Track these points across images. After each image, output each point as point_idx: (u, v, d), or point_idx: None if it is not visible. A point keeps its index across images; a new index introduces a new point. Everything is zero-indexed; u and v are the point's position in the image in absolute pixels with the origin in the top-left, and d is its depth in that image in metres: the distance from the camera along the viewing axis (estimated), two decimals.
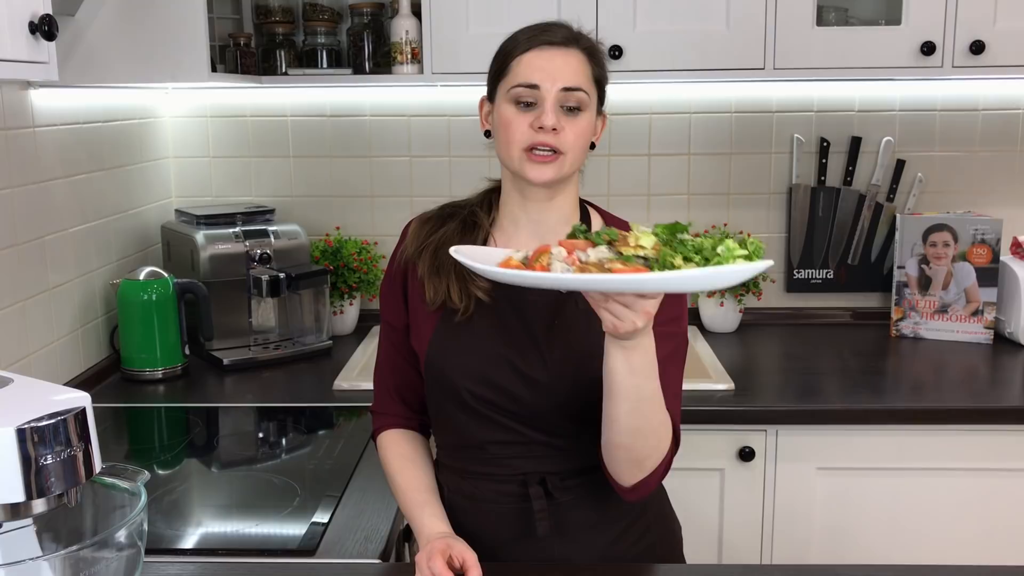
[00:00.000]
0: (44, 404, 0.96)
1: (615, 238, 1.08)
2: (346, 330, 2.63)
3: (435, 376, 1.36)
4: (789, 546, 2.07)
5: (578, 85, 1.30)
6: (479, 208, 1.41)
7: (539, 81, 1.28)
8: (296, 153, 2.69)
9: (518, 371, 1.31)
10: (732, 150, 2.65)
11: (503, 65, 1.32)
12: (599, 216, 1.44)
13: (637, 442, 1.23)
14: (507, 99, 1.31)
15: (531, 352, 1.31)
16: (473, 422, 1.34)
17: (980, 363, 2.30)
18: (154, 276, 2.23)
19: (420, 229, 1.41)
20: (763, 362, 2.38)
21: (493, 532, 1.36)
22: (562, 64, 1.29)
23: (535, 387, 1.30)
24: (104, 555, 1.01)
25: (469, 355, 1.33)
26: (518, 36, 1.33)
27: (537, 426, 1.33)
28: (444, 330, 1.35)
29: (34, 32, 1.31)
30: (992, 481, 2.03)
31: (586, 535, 1.36)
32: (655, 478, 1.27)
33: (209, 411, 2.08)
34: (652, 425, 1.22)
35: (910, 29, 2.20)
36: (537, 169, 1.29)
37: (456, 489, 1.40)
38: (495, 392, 1.32)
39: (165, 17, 1.98)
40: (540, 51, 1.30)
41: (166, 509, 1.56)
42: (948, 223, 2.45)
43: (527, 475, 1.34)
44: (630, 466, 1.25)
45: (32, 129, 1.96)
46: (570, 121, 1.29)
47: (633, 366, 1.15)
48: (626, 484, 1.27)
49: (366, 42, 2.47)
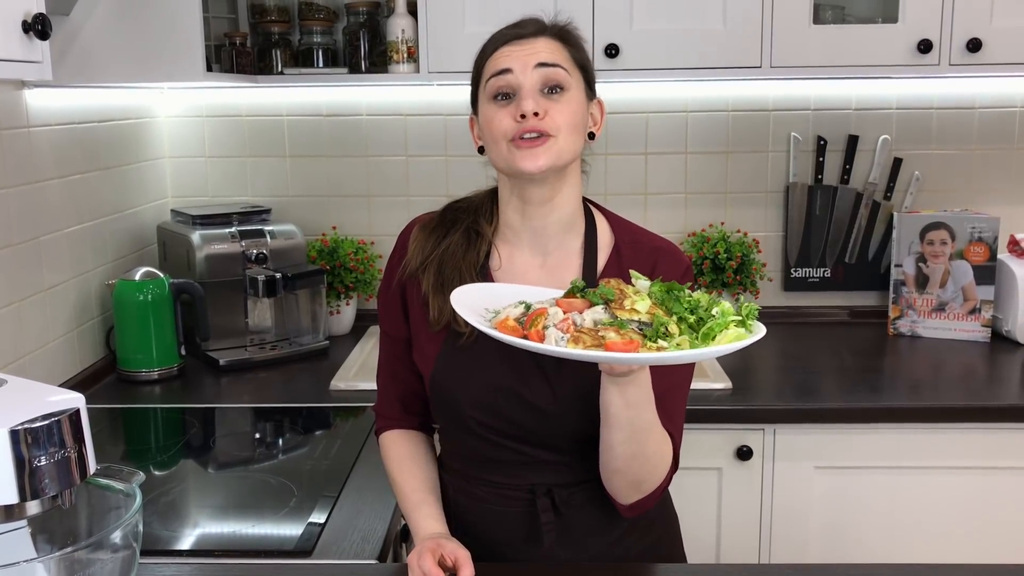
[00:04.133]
0: (38, 405, 0.96)
1: (612, 298, 1.09)
2: (342, 330, 2.62)
3: (441, 400, 1.34)
4: (787, 545, 2.07)
5: (553, 61, 1.25)
6: (481, 215, 1.37)
7: (510, 64, 1.24)
8: (292, 153, 2.69)
9: (525, 402, 1.28)
10: (729, 149, 2.65)
11: (478, 69, 1.30)
12: (604, 219, 1.38)
13: (634, 467, 1.23)
14: (487, 99, 1.27)
15: (540, 383, 1.28)
16: (480, 444, 1.33)
17: (977, 361, 2.30)
18: (150, 276, 2.22)
19: (424, 238, 1.36)
20: (760, 361, 2.38)
21: (498, 533, 1.35)
22: (533, 48, 1.25)
23: (543, 417, 1.28)
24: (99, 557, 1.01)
25: (474, 383, 1.30)
26: (489, 40, 1.31)
27: (543, 447, 1.31)
28: (449, 353, 1.31)
29: (27, 31, 1.31)
30: (989, 479, 2.03)
31: (590, 536, 1.36)
32: (653, 498, 1.28)
33: (205, 412, 2.07)
34: (649, 451, 1.22)
35: (907, 27, 2.20)
36: (528, 157, 1.23)
37: (461, 490, 1.39)
38: (502, 421, 1.30)
39: (160, 16, 1.97)
40: (510, 45, 1.27)
41: (162, 510, 1.56)
42: (945, 221, 2.45)
43: (535, 485, 1.33)
44: (628, 488, 1.26)
45: (27, 129, 1.96)
46: (553, 103, 1.24)
47: (629, 400, 1.15)
48: (624, 503, 1.28)
49: (362, 41, 2.47)
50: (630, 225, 1.40)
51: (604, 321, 1.07)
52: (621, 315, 1.07)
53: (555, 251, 1.34)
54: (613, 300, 1.09)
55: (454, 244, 1.34)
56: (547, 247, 1.34)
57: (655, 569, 1.37)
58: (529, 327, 1.08)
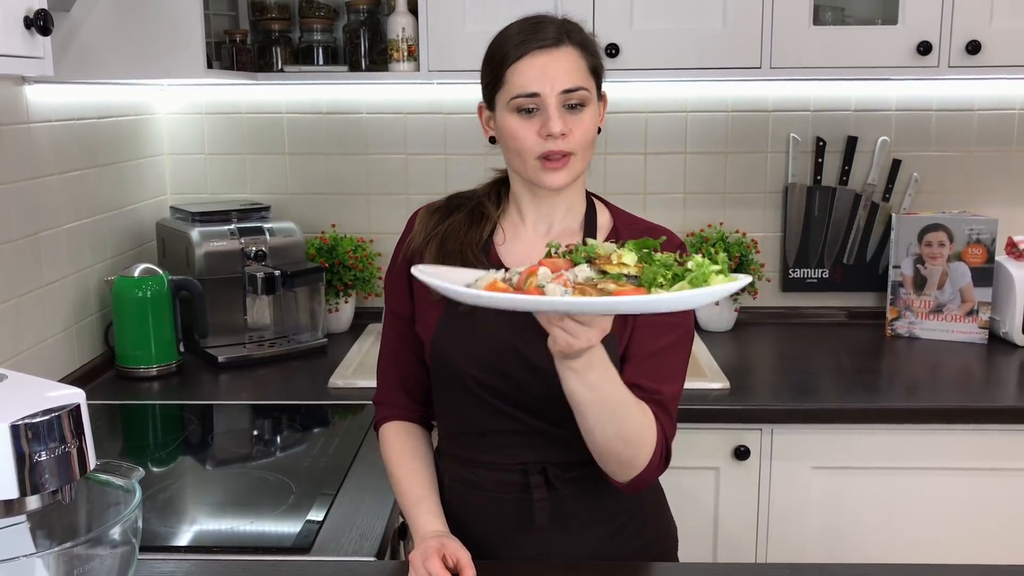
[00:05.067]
0: (38, 400, 0.96)
1: (595, 256, 1.09)
2: (341, 328, 2.62)
3: (440, 363, 1.36)
4: (784, 545, 2.07)
5: (577, 85, 1.29)
6: (487, 199, 1.41)
7: (538, 89, 1.28)
8: (292, 150, 2.69)
9: (523, 358, 1.30)
10: (728, 149, 2.65)
11: (497, 75, 1.31)
12: (604, 206, 1.44)
13: (617, 447, 1.23)
14: (508, 109, 1.30)
15: (537, 339, 1.28)
16: (476, 409, 1.35)
17: (975, 363, 2.31)
18: (149, 273, 2.22)
19: (428, 219, 1.41)
20: (758, 361, 2.38)
21: (492, 522, 1.37)
22: (558, 67, 1.28)
23: (539, 373, 1.30)
24: (98, 552, 1.01)
25: (474, 342, 1.33)
26: (507, 42, 1.31)
27: (540, 414, 1.33)
28: (449, 319, 1.35)
29: (29, 27, 1.31)
30: (986, 480, 2.04)
31: (584, 529, 1.37)
32: (651, 471, 1.27)
33: (204, 408, 2.07)
34: (627, 429, 1.22)
35: (906, 29, 2.21)
36: (552, 176, 1.30)
37: (457, 477, 1.40)
38: (499, 378, 1.32)
39: (161, 13, 1.97)
40: (533, 57, 1.28)
41: (160, 506, 1.56)
42: (944, 223, 2.46)
43: (528, 464, 1.34)
44: (619, 467, 1.26)
45: (27, 125, 1.96)
46: (575, 120, 1.29)
47: (590, 383, 1.16)
48: (622, 481, 1.28)
49: (362, 39, 2.47)
50: (627, 213, 1.45)
51: (595, 277, 1.07)
52: (611, 270, 1.07)
53: (557, 227, 1.39)
54: (596, 258, 1.09)
55: (457, 223, 1.39)
56: (552, 225, 1.39)
57: (652, 568, 1.38)
58: (523, 285, 1.07)
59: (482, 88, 1.36)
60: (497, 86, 1.31)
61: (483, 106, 1.38)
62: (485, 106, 1.37)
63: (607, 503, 1.37)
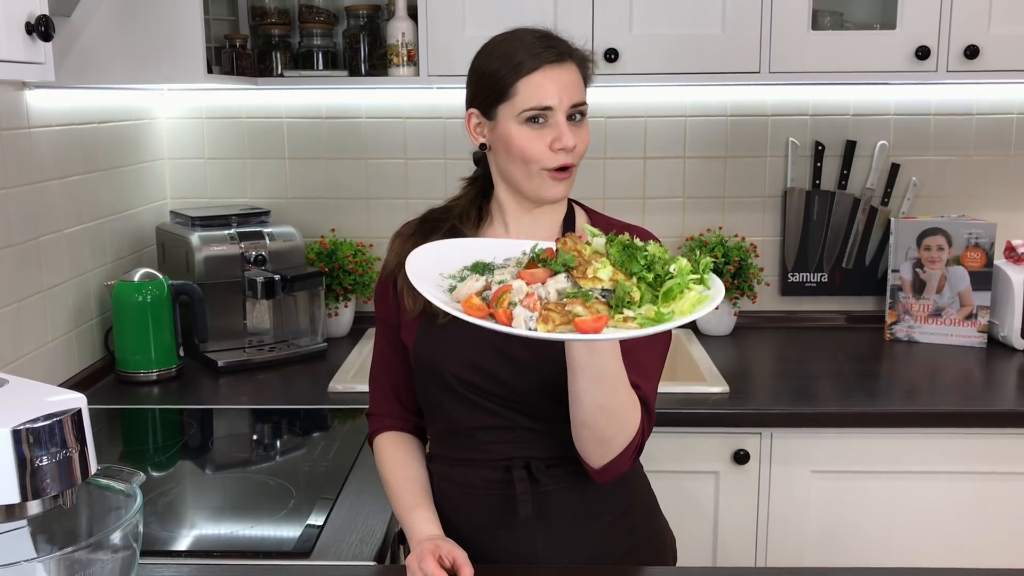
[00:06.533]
0: (40, 405, 0.96)
1: (573, 264, 1.10)
2: (341, 332, 2.63)
3: (422, 363, 1.38)
4: (784, 549, 2.07)
5: (583, 99, 1.35)
6: (464, 219, 1.44)
7: (553, 103, 1.31)
8: (292, 155, 2.69)
9: (502, 353, 1.32)
10: (727, 153, 2.65)
11: (506, 85, 1.32)
12: (584, 213, 1.47)
13: (602, 421, 1.23)
14: (518, 120, 1.32)
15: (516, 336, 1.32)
16: (460, 408, 1.36)
17: (974, 367, 2.31)
18: (149, 277, 2.22)
19: (400, 244, 1.43)
20: (758, 365, 2.39)
21: (478, 518, 1.38)
22: (569, 81, 1.33)
23: (519, 367, 1.32)
24: (99, 557, 1.01)
25: (455, 342, 1.35)
26: (516, 53, 1.32)
27: (522, 409, 1.34)
28: (428, 321, 1.37)
29: (30, 32, 1.31)
30: (985, 484, 2.04)
31: (570, 526, 1.37)
32: (624, 460, 1.27)
33: (204, 413, 2.07)
34: (616, 404, 1.23)
35: (905, 34, 2.21)
36: (557, 187, 1.35)
37: (444, 476, 1.42)
38: (480, 375, 1.34)
39: (161, 18, 1.98)
40: (548, 71, 1.32)
41: (161, 511, 1.56)
42: (942, 227, 2.46)
43: (512, 460, 1.36)
44: (597, 446, 1.26)
45: (27, 130, 1.96)
46: (578, 132, 1.34)
47: (592, 347, 1.17)
48: (595, 465, 1.28)
49: (362, 44, 2.47)
50: (604, 215, 1.48)
51: (568, 292, 1.08)
52: (584, 284, 1.08)
53: (540, 234, 1.41)
54: (574, 267, 1.10)
55: None
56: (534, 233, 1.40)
57: (649, 571, 1.38)
58: (495, 306, 1.08)
59: (477, 95, 1.37)
60: (503, 96, 1.33)
61: (473, 113, 1.39)
62: (479, 113, 1.37)
63: (592, 501, 1.38)
